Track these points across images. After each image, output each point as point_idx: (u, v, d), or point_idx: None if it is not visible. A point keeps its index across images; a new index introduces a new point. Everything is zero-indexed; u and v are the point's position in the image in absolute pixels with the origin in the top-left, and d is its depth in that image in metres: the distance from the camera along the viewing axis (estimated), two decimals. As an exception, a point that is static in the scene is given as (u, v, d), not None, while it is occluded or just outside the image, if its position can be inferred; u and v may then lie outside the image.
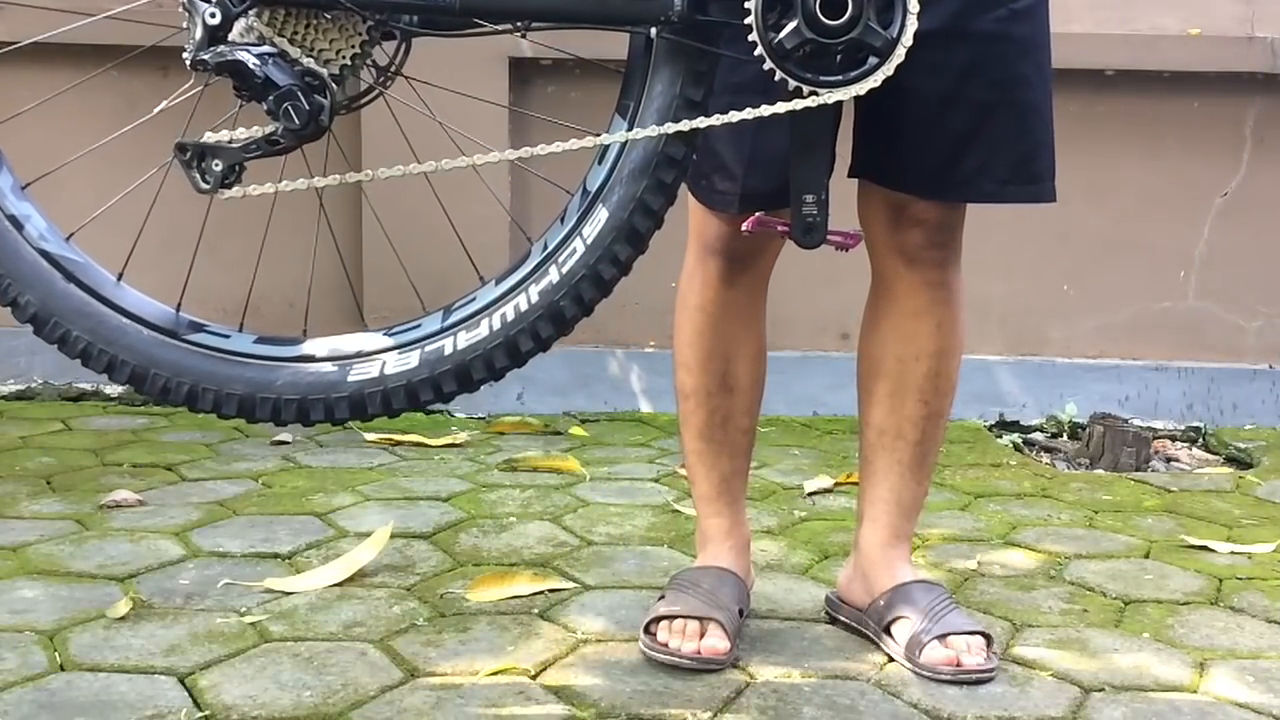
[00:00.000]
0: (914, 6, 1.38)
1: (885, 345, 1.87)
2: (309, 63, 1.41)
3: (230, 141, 1.41)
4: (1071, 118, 3.37)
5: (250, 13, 1.39)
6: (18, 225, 1.48)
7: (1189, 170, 3.49)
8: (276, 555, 2.25)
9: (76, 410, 3.37)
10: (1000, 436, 3.34)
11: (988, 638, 1.83)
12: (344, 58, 1.44)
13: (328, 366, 1.48)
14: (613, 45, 1.49)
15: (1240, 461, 3.19)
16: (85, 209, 1.62)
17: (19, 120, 1.49)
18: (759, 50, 1.39)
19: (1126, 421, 3.26)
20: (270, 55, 1.38)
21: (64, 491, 2.61)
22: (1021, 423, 3.47)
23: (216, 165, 1.42)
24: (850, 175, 1.81)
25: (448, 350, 1.46)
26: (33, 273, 1.48)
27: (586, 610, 2.02)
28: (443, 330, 1.48)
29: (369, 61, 1.45)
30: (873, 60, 1.40)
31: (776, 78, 1.40)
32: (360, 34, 1.43)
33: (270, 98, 1.38)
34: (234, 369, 1.49)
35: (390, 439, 3.09)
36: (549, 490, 2.71)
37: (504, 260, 3.39)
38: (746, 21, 1.39)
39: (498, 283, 1.49)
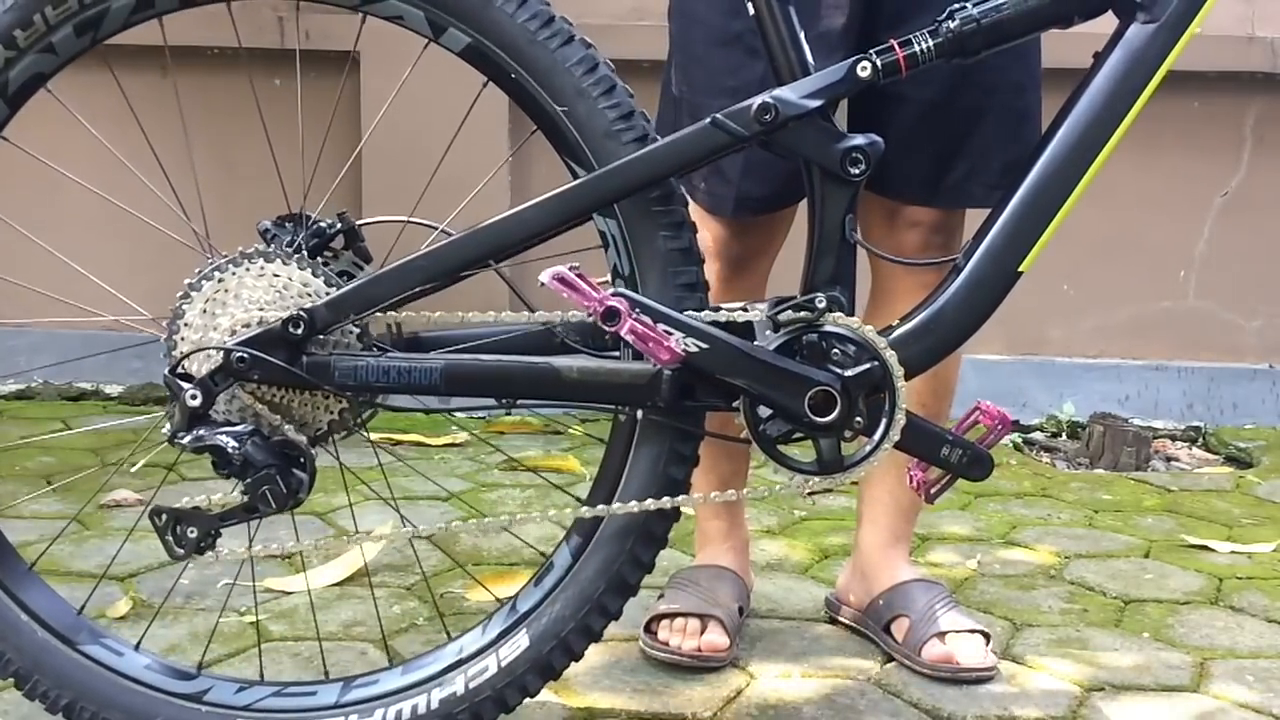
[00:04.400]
0: (903, 402, 1.40)
1: (883, 347, 1.87)
2: (288, 430, 1.40)
3: (207, 509, 1.40)
4: (1071, 117, 3.36)
5: (232, 388, 1.39)
6: None
7: (1189, 170, 3.48)
8: (276, 555, 2.24)
9: (76, 410, 3.36)
10: (1000, 436, 3.33)
11: (987, 636, 1.83)
12: (323, 421, 1.43)
13: (212, 714, 1.45)
14: (616, 46, 1.49)
15: (1240, 461, 3.19)
16: (85, 224, 1.61)
17: (19, 120, 1.49)
18: (745, 433, 1.41)
19: (1126, 421, 3.26)
20: (247, 435, 1.37)
21: (64, 491, 2.61)
22: (1021, 422, 3.46)
23: (191, 532, 1.40)
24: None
25: None
26: None
27: (586, 610, 2.02)
28: (337, 706, 1.45)
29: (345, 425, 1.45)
30: (859, 454, 1.41)
31: (764, 458, 1.43)
32: (340, 404, 1.43)
33: (247, 480, 1.38)
34: (117, 692, 1.45)
35: (390, 439, 3.09)
36: (549, 490, 2.71)
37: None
38: (734, 404, 1.40)
39: (404, 672, 1.47)
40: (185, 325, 1.40)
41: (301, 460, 1.40)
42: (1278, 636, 1.99)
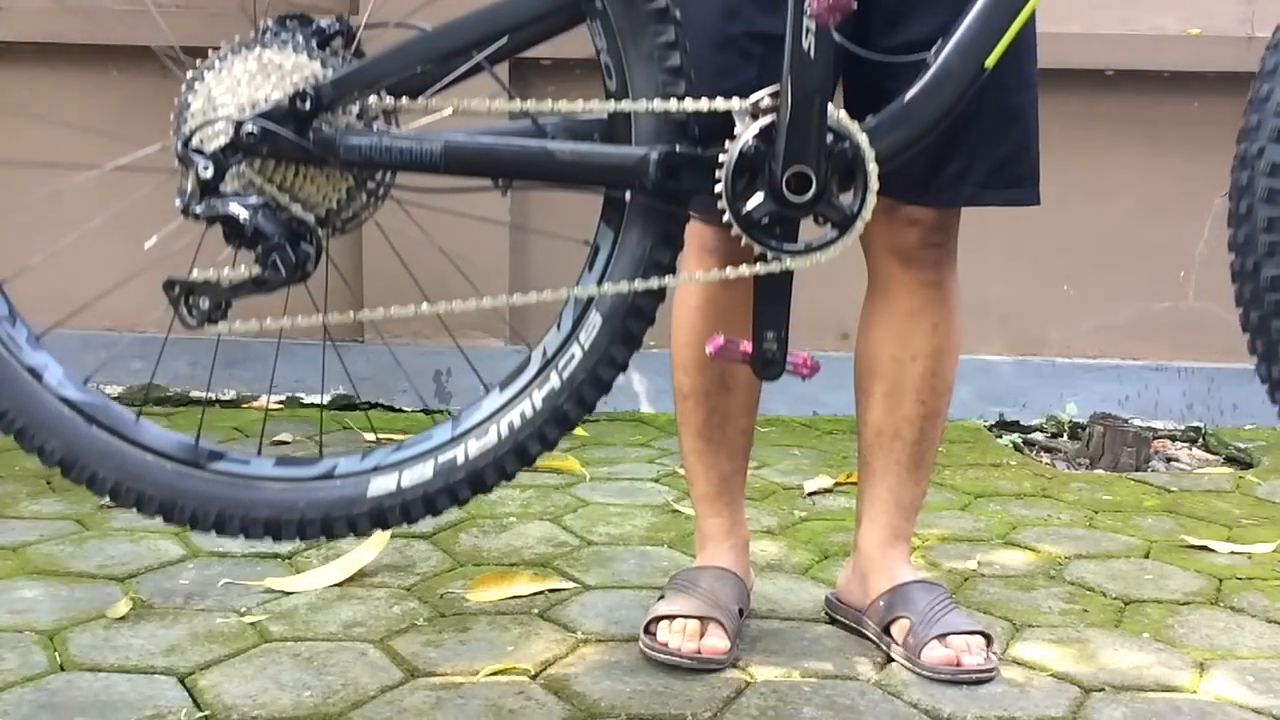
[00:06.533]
0: (874, 184, 1.46)
1: (881, 346, 1.88)
2: (296, 209, 1.44)
3: (218, 280, 1.44)
4: (1071, 118, 3.36)
5: (242, 163, 1.43)
6: (37, 376, 1.52)
7: (1189, 170, 3.49)
8: (276, 555, 2.25)
9: (77, 410, 3.36)
10: (1000, 436, 3.34)
11: (987, 637, 1.83)
12: (330, 202, 1.47)
13: (346, 483, 1.52)
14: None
15: (1240, 461, 3.19)
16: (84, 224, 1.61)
17: (20, 120, 1.49)
18: (726, 217, 1.45)
19: (1126, 421, 3.26)
20: (258, 206, 1.42)
21: (64, 491, 2.61)
22: (1021, 423, 3.47)
23: (204, 302, 1.45)
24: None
25: (460, 460, 1.50)
26: (56, 420, 1.51)
27: (586, 610, 2.02)
28: (453, 439, 1.51)
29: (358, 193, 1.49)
30: (833, 232, 1.47)
31: (742, 242, 1.48)
32: (346, 182, 1.47)
33: (258, 248, 1.42)
34: (257, 494, 1.52)
35: (390, 439, 3.09)
36: (549, 490, 2.72)
37: (504, 266, 3.42)
38: (717, 189, 1.45)
39: (502, 389, 1.53)
40: (196, 109, 1.44)
41: (309, 237, 1.44)
42: (1278, 637, 1.99)
